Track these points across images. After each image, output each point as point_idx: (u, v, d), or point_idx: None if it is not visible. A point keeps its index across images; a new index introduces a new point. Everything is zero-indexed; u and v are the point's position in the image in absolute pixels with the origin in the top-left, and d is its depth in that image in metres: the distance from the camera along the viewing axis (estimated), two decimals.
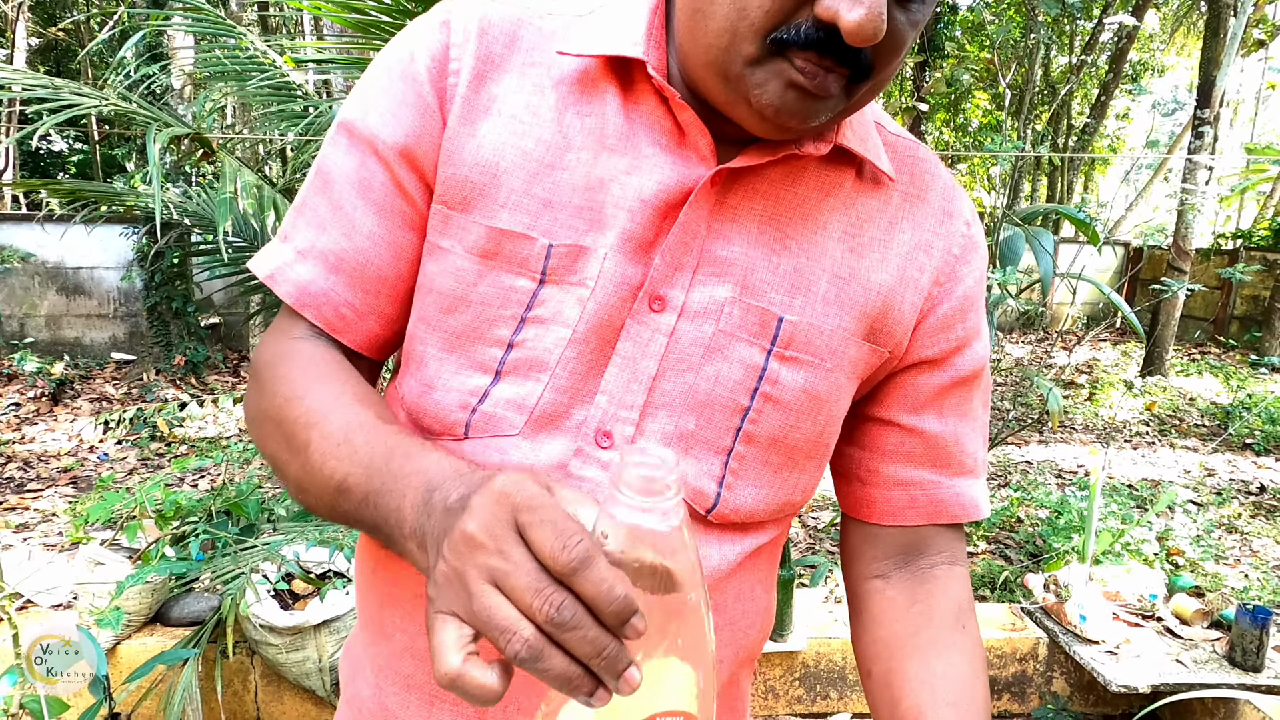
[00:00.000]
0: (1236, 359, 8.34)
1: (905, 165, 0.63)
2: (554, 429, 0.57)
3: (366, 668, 0.67)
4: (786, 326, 0.57)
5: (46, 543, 3.84)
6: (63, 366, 6.50)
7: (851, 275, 0.59)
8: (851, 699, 2.34)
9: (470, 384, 0.57)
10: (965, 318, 0.63)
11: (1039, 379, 4.47)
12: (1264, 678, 2.07)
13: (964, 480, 0.66)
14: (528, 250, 0.56)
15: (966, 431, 0.66)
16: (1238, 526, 4.60)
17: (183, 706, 2.01)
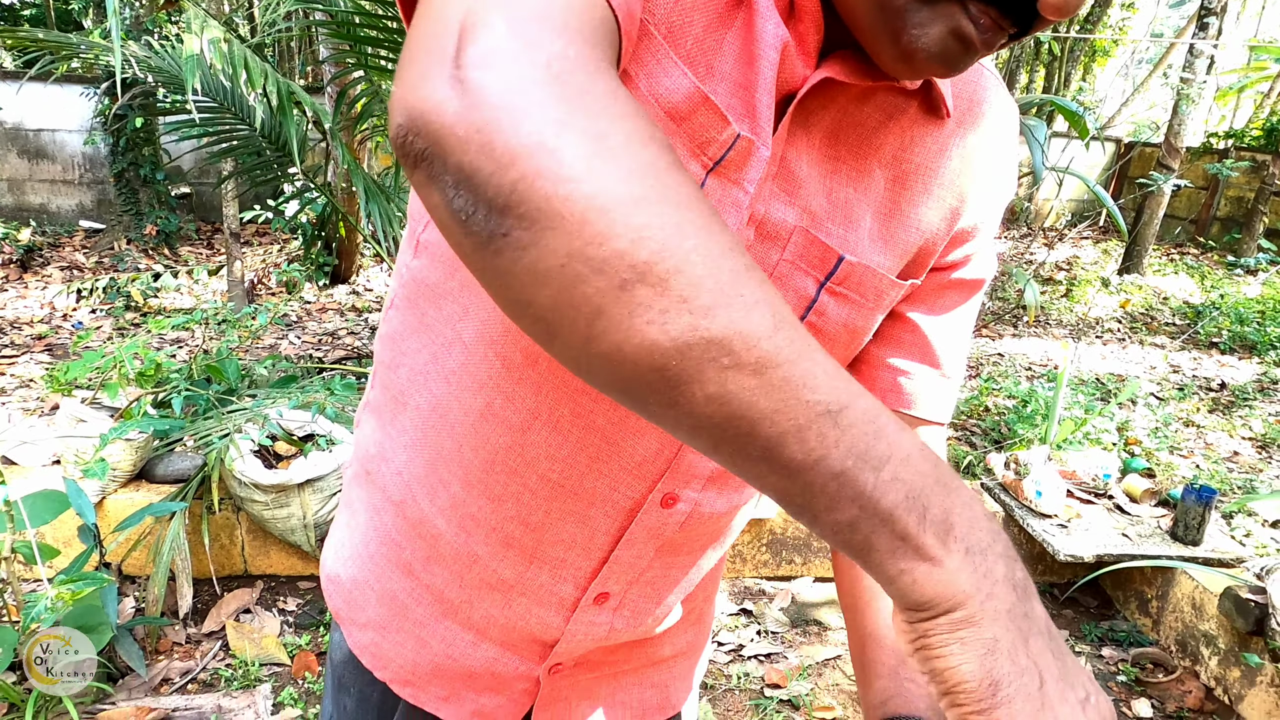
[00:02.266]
0: (1214, 260, 8.41)
1: (965, 91, 0.60)
2: None
3: (444, 502, 0.64)
4: (845, 266, 0.56)
5: (25, 408, 3.85)
6: (30, 233, 6.32)
7: (892, 211, 0.58)
8: (814, 564, 2.47)
9: None
10: (988, 231, 0.64)
11: (1018, 272, 4.50)
12: (1201, 551, 2.20)
13: (942, 381, 0.66)
14: (716, 132, 0.48)
15: (953, 334, 0.66)
16: (1195, 421, 4.76)
17: (171, 557, 2.08)
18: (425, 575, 0.67)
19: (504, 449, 0.59)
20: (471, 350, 0.58)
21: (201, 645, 2.08)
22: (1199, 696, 2.03)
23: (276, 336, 5.13)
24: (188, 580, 2.12)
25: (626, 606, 0.67)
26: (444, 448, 0.62)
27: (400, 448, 0.65)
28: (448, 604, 0.68)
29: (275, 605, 2.24)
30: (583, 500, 0.60)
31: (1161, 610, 2.24)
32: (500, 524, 0.62)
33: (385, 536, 0.69)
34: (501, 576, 0.65)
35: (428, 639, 0.69)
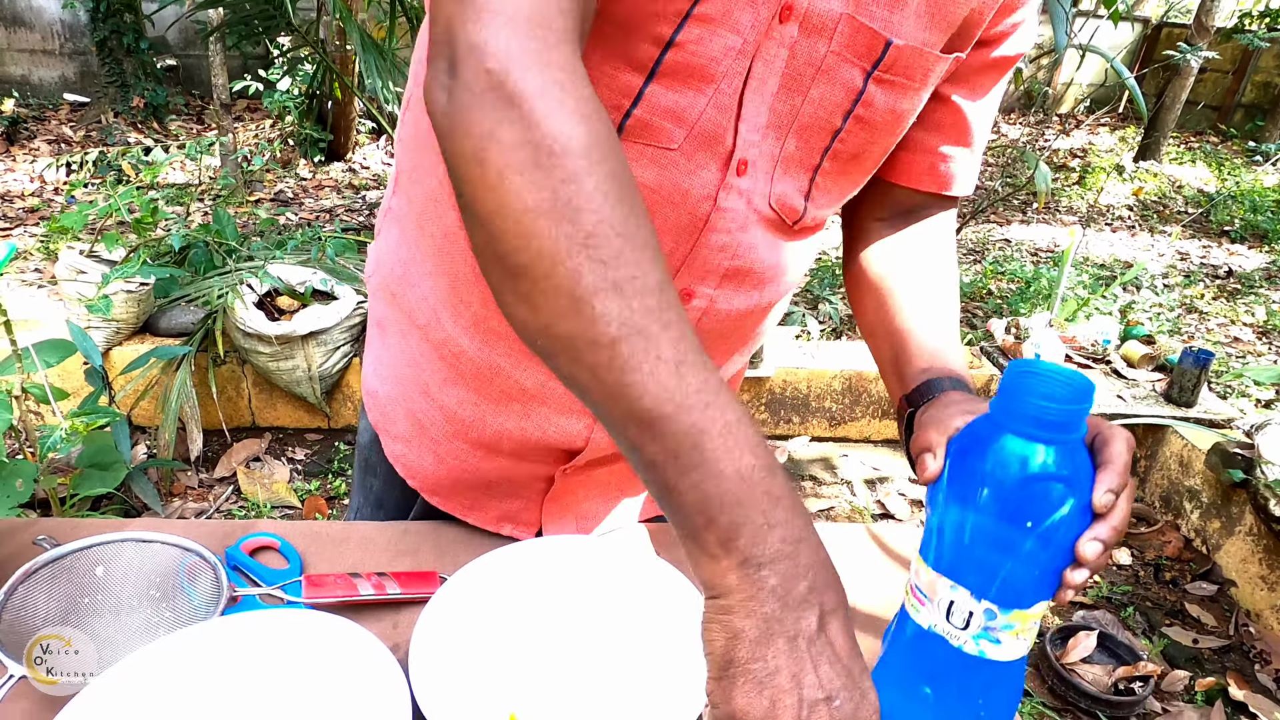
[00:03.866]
0: (1234, 147, 8.19)
1: None
2: (709, 151, 0.55)
3: (466, 320, 0.65)
4: (892, 51, 0.55)
5: (23, 279, 3.83)
6: (13, 104, 6.14)
7: None
8: (811, 424, 2.51)
9: (621, 80, 0.52)
10: (1029, 3, 0.62)
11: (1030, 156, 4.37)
12: (1194, 412, 2.23)
13: (972, 158, 0.68)
14: None
15: (986, 111, 0.67)
16: (1198, 307, 4.75)
17: (180, 405, 2.12)
18: (440, 396, 0.71)
19: None
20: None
21: (214, 489, 2.14)
22: (1178, 546, 2.10)
23: (272, 214, 5.07)
24: (197, 427, 2.17)
25: None
26: (460, 272, 0.64)
27: (424, 275, 0.67)
28: (459, 424, 0.71)
29: (284, 454, 2.29)
30: None
31: (1149, 469, 2.30)
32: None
33: (410, 359, 0.72)
34: (523, 386, 0.66)
35: (444, 455, 0.74)
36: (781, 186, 0.59)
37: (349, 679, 0.57)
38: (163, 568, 0.69)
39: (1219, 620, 1.91)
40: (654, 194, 0.56)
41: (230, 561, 0.72)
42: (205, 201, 5.09)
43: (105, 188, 5.13)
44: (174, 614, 0.67)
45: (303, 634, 0.59)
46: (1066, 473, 0.44)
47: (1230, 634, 1.88)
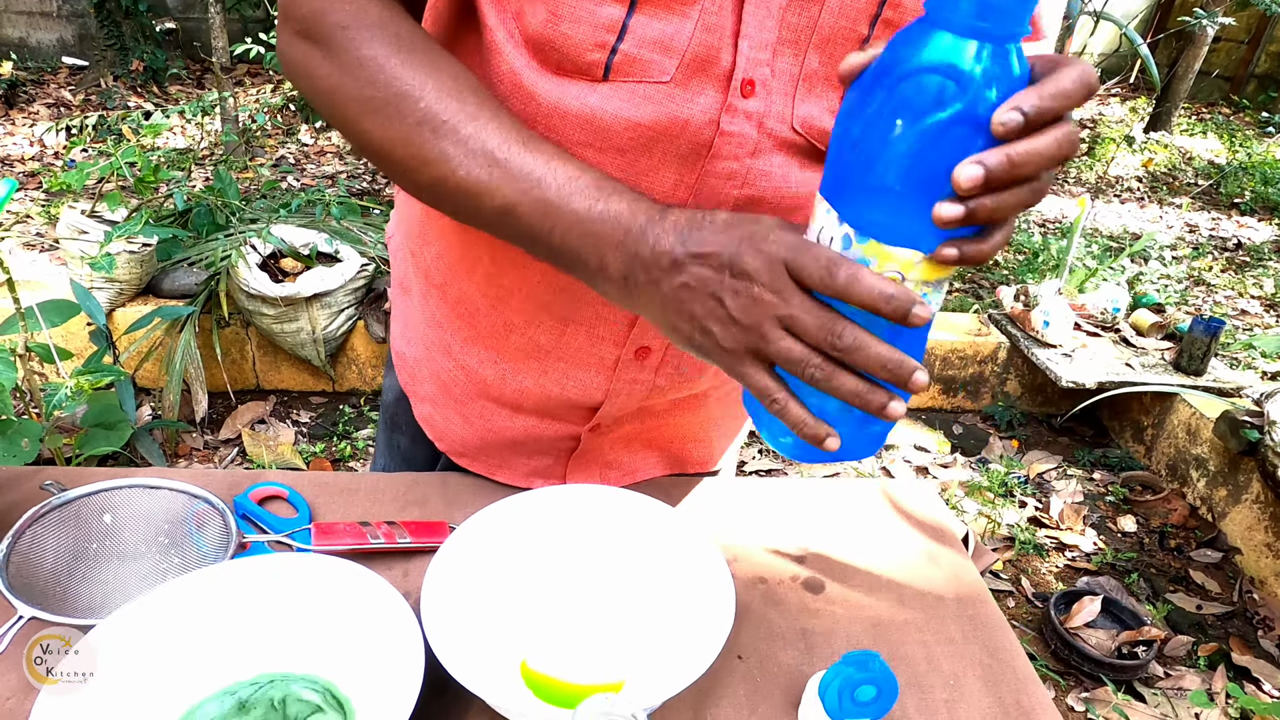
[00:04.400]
0: (1246, 119, 8.09)
1: None
2: (705, 76, 0.51)
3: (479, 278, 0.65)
4: None
5: (26, 242, 3.81)
6: (11, 67, 6.07)
7: None
8: None
9: (603, 14, 0.49)
10: None
11: None
12: (1203, 381, 2.22)
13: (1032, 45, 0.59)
14: None
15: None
16: (1206, 280, 4.71)
17: (184, 366, 2.11)
18: (462, 356, 0.70)
19: None
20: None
21: (219, 451, 2.14)
22: (1183, 514, 2.10)
23: (275, 179, 5.02)
24: (202, 389, 2.16)
25: (668, 363, 0.66)
26: (468, 229, 0.62)
27: (436, 233, 0.67)
28: (481, 383, 0.71)
29: (289, 417, 2.29)
30: None
31: (1156, 438, 2.29)
32: (530, 290, 0.62)
33: (432, 319, 0.72)
34: (538, 343, 0.65)
35: (470, 416, 0.74)
36: (807, 108, 0.55)
37: (361, 624, 0.57)
38: (171, 514, 0.69)
39: (1223, 587, 1.91)
40: (651, 129, 0.53)
41: (239, 510, 0.72)
42: (206, 166, 5.05)
43: (107, 148, 5.10)
44: (182, 560, 0.67)
45: (314, 578, 0.59)
46: (964, 69, 0.35)
47: (1234, 600, 1.88)
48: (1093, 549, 2.00)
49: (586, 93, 0.51)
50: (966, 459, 2.33)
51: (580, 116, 0.52)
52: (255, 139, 5.64)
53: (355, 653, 0.56)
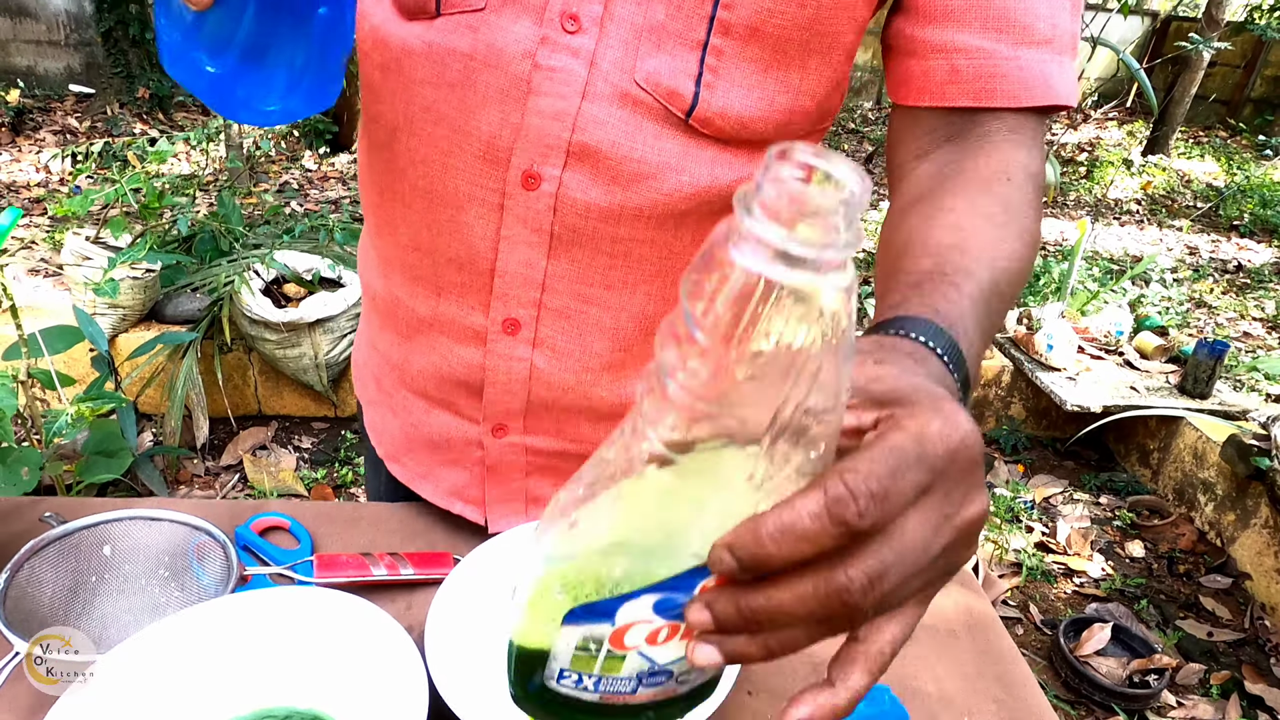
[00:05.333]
0: (1243, 142, 8.14)
1: None
2: (518, 6, 0.53)
3: (375, 259, 0.69)
4: None
5: (31, 268, 3.83)
6: (19, 95, 6.14)
7: None
8: None
9: None
10: None
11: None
12: (1209, 404, 2.21)
13: (1032, 50, 0.51)
14: None
15: None
16: (1207, 302, 4.72)
17: (186, 392, 2.10)
18: (381, 344, 0.73)
19: (383, 172, 0.63)
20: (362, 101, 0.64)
21: (220, 477, 2.13)
22: (1191, 539, 2.08)
23: (279, 204, 5.05)
24: (204, 415, 2.15)
25: (545, 343, 0.63)
26: (365, 204, 0.69)
27: (364, 236, 0.73)
28: (398, 369, 0.71)
29: (290, 443, 2.28)
30: (451, 205, 0.59)
31: (1162, 461, 2.28)
32: (402, 256, 0.65)
33: (366, 317, 0.76)
34: (419, 315, 0.66)
35: (395, 407, 0.74)
36: (653, 63, 0.52)
37: (364, 658, 0.56)
38: (171, 546, 0.68)
39: (1234, 614, 1.89)
40: (470, 60, 0.54)
41: (240, 541, 0.71)
42: (210, 192, 5.08)
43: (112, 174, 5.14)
44: (183, 593, 0.66)
45: (316, 612, 0.58)
46: None
47: (1245, 627, 1.86)
48: (1101, 575, 1.98)
49: (425, 30, 0.55)
50: None
51: (421, 53, 0.56)
52: (259, 165, 5.68)
53: (358, 687, 0.55)
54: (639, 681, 0.32)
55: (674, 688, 0.33)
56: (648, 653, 0.31)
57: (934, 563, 0.28)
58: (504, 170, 0.57)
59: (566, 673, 0.32)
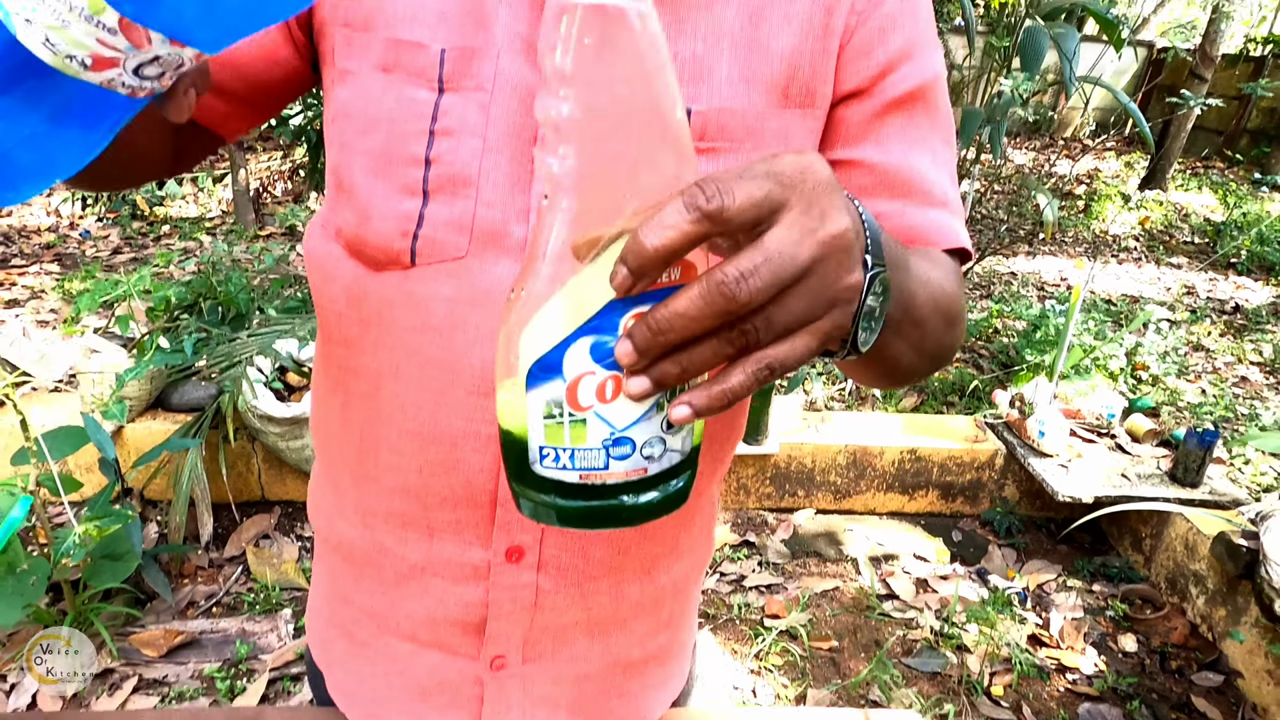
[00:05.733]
0: (1240, 174, 8.18)
1: None
2: (499, 249, 0.56)
3: (349, 511, 0.67)
4: (695, 117, 0.55)
5: (39, 319, 3.87)
6: None
7: (752, 45, 0.56)
8: (816, 497, 2.52)
9: (403, 208, 0.55)
10: (886, 39, 0.58)
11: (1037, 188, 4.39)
12: (1200, 493, 2.24)
13: (935, 210, 0.60)
14: (423, 59, 0.54)
15: (920, 161, 0.60)
16: (1205, 345, 4.74)
17: (190, 485, 2.14)
18: (357, 597, 0.70)
19: (365, 423, 0.63)
20: (325, 357, 0.65)
21: (223, 569, 2.16)
22: (1184, 633, 2.10)
23: (284, 248, 5.10)
24: (207, 508, 2.19)
25: (550, 563, 0.64)
26: (332, 457, 0.68)
27: (320, 479, 0.72)
28: (380, 618, 0.69)
29: (293, 531, 2.31)
30: (444, 444, 0.60)
31: (1154, 548, 2.30)
32: (388, 503, 0.64)
33: (328, 573, 0.73)
34: (411, 561, 0.65)
35: (376, 659, 0.71)
36: None
37: None
38: None
39: (1226, 714, 1.91)
40: (455, 303, 0.56)
41: None
42: (218, 236, 5.14)
43: (122, 219, 5.19)
44: None
45: None
46: None
47: None
48: (1094, 671, 2.00)
49: (403, 280, 0.57)
50: (966, 568, 2.34)
51: (402, 303, 0.57)
52: (265, 207, 5.74)
53: None
54: (607, 453, 0.37)
55: (643, 465, 0.37)
56: (603, 412, 0.36)
57: (807, 277, 0.34)
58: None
59: (545, 450, 0.37)
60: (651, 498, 0.38)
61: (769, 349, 0.34)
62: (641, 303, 0.34)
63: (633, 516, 0.38)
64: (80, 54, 0.32)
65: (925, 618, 2.13)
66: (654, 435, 0.37)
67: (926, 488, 2.52)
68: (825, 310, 0.35)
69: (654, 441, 0.37)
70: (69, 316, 2.57)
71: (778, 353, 0.34)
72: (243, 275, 3.14)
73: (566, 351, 0.35)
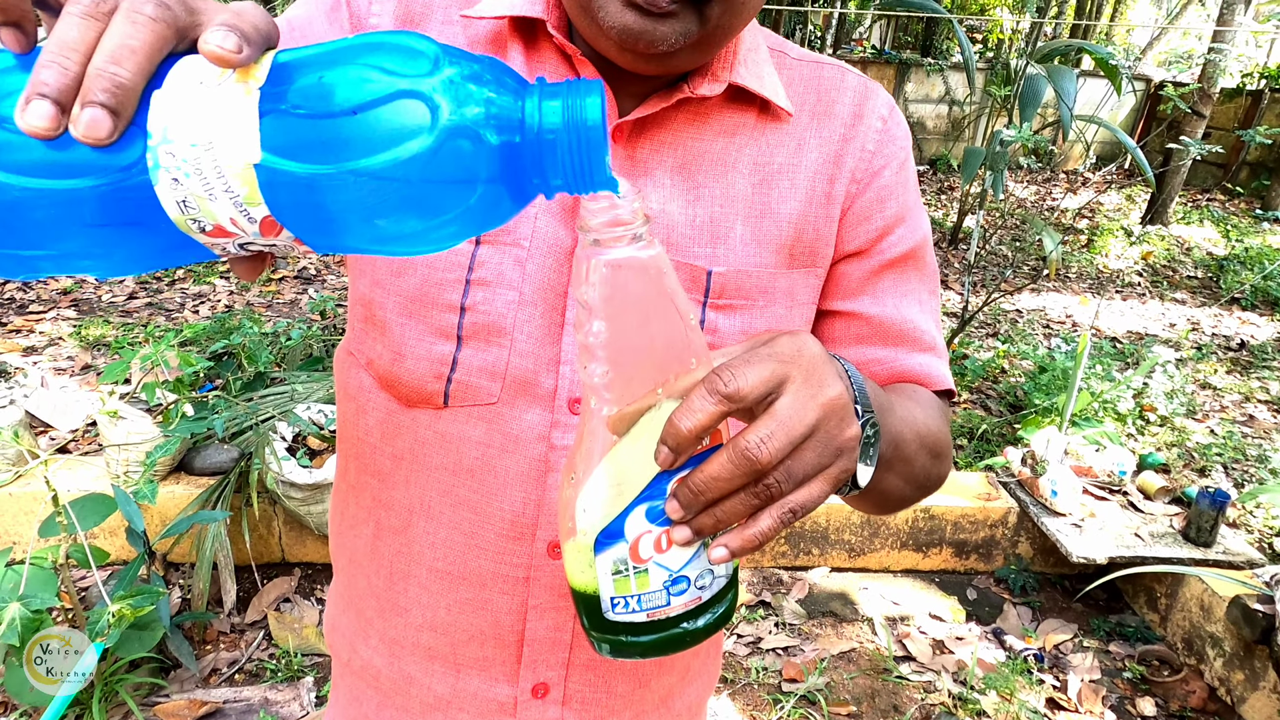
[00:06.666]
0: (1241, 208, 8.24)
1: (810, 88, 0.64)
2: (529, 397, 0.58)
3: (374, 639, 0.69)
4: (716, 279, 0.59)
5: (56, 367, 3.92)
6: None
7: (763, 211, 0.61)
8: (830, 555, 2.54)
9: (437, 351, 0.58)
10: (884, 206, 0.64)
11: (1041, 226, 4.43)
12: (1213, 553, 2.25)
13: (923, 355, 0.66)
14: None
15: (911, 311, 0.66)
16: (1212, 383, 4.76)
17: (213, 553, 2.17)
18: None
19: (395, 556, 0.65)
20: (357, 487, 0.67)
21: (245, 635, 2.18)
22: (1202, 696, 2.11)
23: (296, 292, 5.16)
24: (230, 574, 2.21)
25: (574, 698, 0.66)
26: (357, 587, 0.69)
27: (340, 607, 0.73)
28: None
29: (314, 594, 2.33)
30: (474, 584, 0.62)
31: (1170, 608, 2.31)
32: (415, 636, 0.66)
33: (350, 696, 0.74)
34: (437, 694, 0.66)
35: None
36: None
37: None
38: None
39: None
40: (487, 447, 0.59)
41: None
42: (230, 280, 5.19)
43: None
44: None
45: None
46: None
47: None
48: None
49: (434, 420, 0.60)
50: (982, 628, 2.35)
51: (434, 442, 0.60)
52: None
53: None
54: (668, 592, 0.43)
55: (697, 595, 0.44)
56: (661, 561, 0.42)
57: (815, 434, 0.40)
58: (530, 544, 0.61)
59: (616, 600, 0.43)
60: (707, 620, 0.45)
61: (790, 497, 0.40)
62: (682, 469, 0.41)
63: (695, 638, 0.45)
64: (207, 223, 0.32)
65: (943, 680, 2.14)
66: (704, 569, 0.44)
67: (940, 545, 2.54)
68: (834, 459, 0.42)
69: (704, 574, 0.44)
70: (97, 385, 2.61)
71: (797, 499, 0.41)
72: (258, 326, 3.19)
73: (627, 519, 0.42)
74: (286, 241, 0.34)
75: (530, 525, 0.60)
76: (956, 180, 8.43)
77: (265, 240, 0.33)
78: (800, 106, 0.63)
